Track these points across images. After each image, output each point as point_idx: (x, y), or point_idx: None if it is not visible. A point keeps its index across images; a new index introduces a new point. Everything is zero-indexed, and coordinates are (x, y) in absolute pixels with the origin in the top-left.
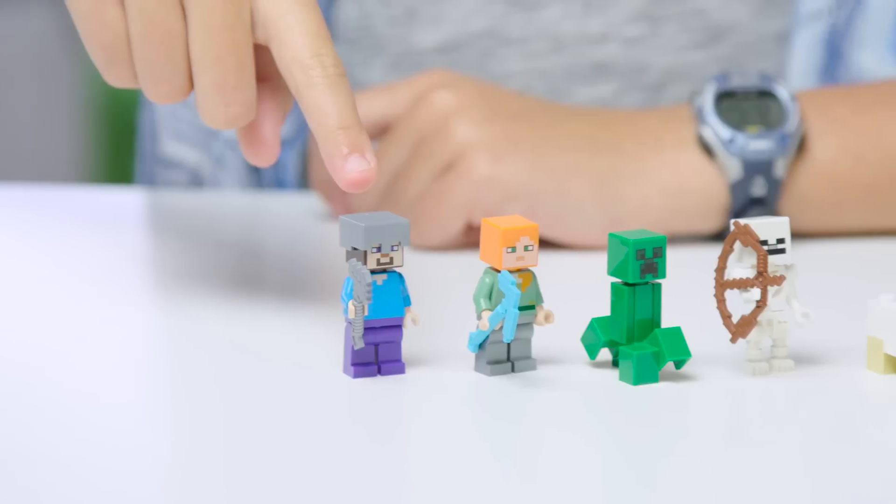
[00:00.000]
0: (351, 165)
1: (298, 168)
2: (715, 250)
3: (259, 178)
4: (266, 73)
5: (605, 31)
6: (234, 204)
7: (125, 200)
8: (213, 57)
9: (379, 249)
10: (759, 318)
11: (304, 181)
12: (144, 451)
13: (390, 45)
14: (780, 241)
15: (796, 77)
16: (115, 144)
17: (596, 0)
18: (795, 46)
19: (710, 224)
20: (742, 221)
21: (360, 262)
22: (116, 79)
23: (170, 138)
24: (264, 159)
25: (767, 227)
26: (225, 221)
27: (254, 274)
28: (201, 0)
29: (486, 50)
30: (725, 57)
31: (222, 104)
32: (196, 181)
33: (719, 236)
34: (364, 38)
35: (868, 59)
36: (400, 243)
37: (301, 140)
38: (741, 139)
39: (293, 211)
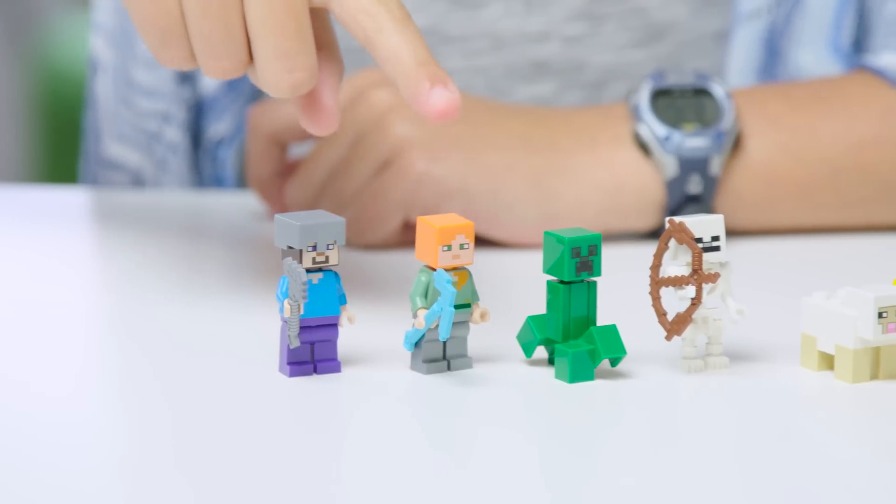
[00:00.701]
0: (436, 97)
1: (237, 167)
2: (651, 248)
3: (199, 178)
4: (319, 40)
5: (545, 30)
6: (174, 203)
7: (69, 200)
8: (273, 24)
9: (314, 248)
10: (694, 316)
11: (242, 180)
12: (82, 448)
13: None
14: (715, 238)
15: (735, 75)
16: (59, 144)
17: None
18: (734, 45)
19: (647, 221)
20: (677, 219)
21: (295, 261)
22: (171, 60)
23: (112, 140)
24: (326, 126)
25: (702, 224)
26: (166, 221)
27: (192, 273)
28: None
29: None
30: (665, 56)
31: (286, 70)
32: (138, 183)
33: (655, 234)
34: None
35: (807, 57)
36: (335, 242)
37: (239, 139)
38: (677, 137)
39: (232, 210)
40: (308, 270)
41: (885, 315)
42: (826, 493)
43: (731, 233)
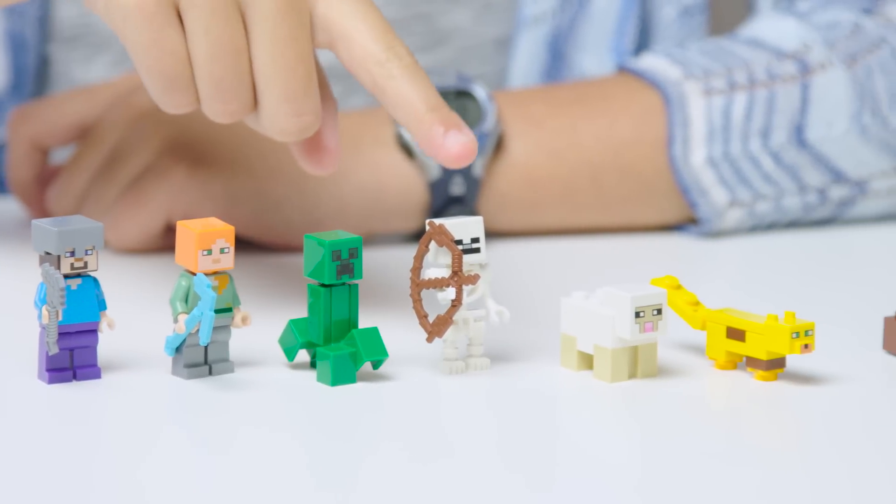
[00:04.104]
0: (451, 141)
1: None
2: (414, 250)
3: None
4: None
5: None
6: None
7: None
8: (281, 68)
9: (73, 254)
10: (454, 318)
11: (1, 185)
12: None
13: (113, 43)
14: (475, 240)
15: (519, 79)
16: None
17: None
18: (518, 49)
19: (410, 223)
20: (437, 221)
21: (52, 267)
22: (177, 105)
23: None
24: (328, 166)
25: (462, 226)
26: None
27: None
28: (265, 12)
29: None
30: (448, 61)
31: (294, 115)
32: None
33: (419, 236)
34: (85, 35)
35: (590, 61)
36: (94, 247)
37: None
38: None
39: None
40: (66, 276)
41: (641, 315)
42: (586, 492)
43: (495, 234)
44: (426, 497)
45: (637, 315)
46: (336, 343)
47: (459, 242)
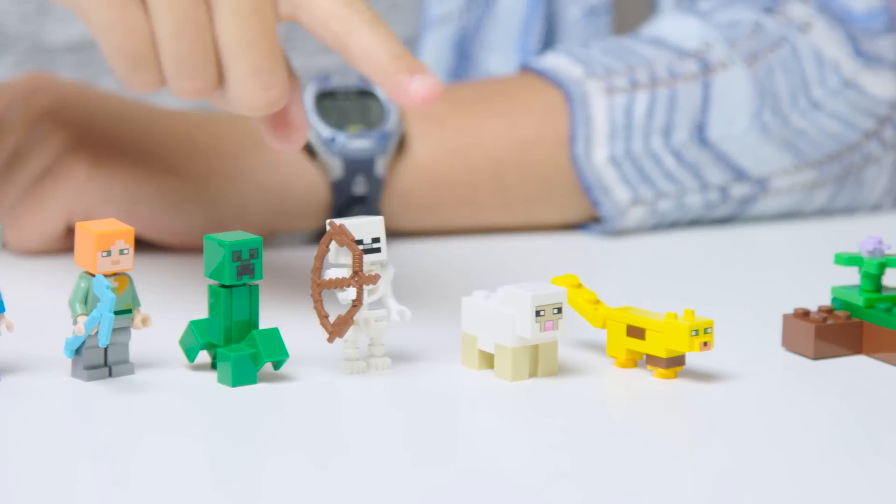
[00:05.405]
0: (416, 84)
1: None
2: (315, 250)
3: None
4: None
5: None
6: None
7: None
8: (247, 42)
9: None
10: (355, 318)
11: None
12: None
13: (19, 42)
14: (376, 240)
15: None
16: None
17: None
18: (424, 49)
19: (313, 223)
20: (337, 221)
21: None
22: (143, 84)
23: None
24: (296, 141)
25: (362, 226)
26: None
27: None
28: None
29: None
30: (341, 61)
31: (262, 88)
32: None
33: (321, 235)
34: None
35: (496, 61)
36: None
37: None
38: (342, 138)
39: None
40: None
41: (542, 314)
42: (489, 491)
43: (398, 234)
44: (327, 497)
45: (537, 314)
46: (237, 344)
47: (360, 242)
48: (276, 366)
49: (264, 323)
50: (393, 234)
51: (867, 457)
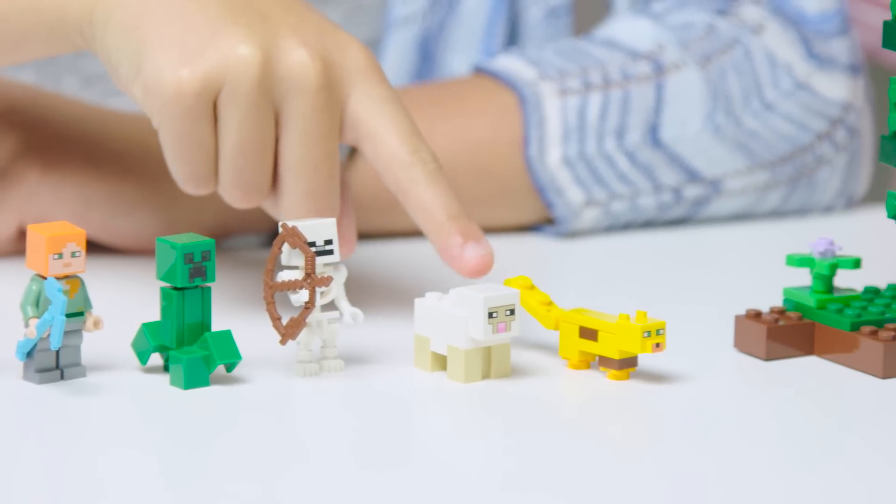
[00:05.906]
0: (469, 253)
1: None
2: (267, 252)
3: None
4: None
5: None
6: None
7: None
8: (309, 167)
9: None
10: (308, 320)
11: None
12: None
13: None
14: (328, 242)
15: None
16: None
17: None
18: (388, 50)
19: (265, 225)
20: (290, 223)
21: None
22: (196, 189)
23: None
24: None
25: (315, 228)
26: None
27: None
28: (301, 111)
29: None
30: None
31: (313, 211)
32: None
33: (274, 237)
34: None
35: (459, 62)
36: None
37: None
38: None
39: None
40: None
41: (494, 315)
42: (443, 492)
43: None
44: (280, 500)
45: (490, 315)
46: (189, 346)
47: (312, 244)
48: (229, 368)
49: (217, 325)
50: None
51: (816, 457)
